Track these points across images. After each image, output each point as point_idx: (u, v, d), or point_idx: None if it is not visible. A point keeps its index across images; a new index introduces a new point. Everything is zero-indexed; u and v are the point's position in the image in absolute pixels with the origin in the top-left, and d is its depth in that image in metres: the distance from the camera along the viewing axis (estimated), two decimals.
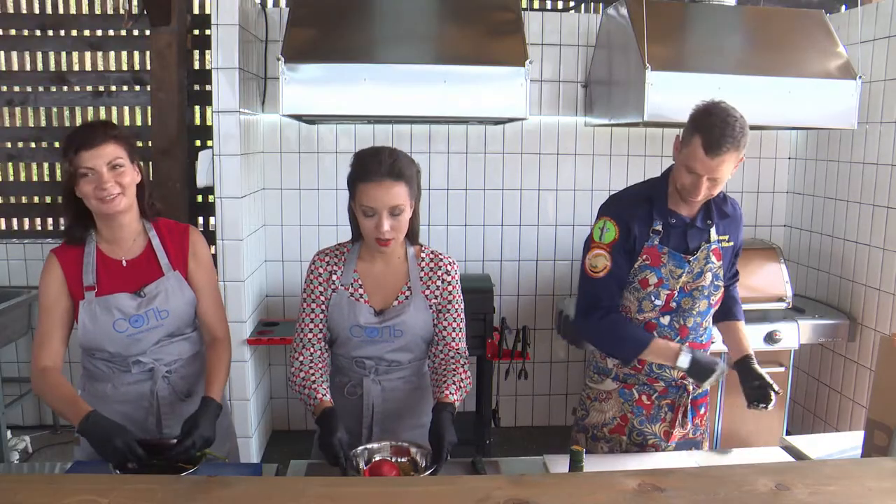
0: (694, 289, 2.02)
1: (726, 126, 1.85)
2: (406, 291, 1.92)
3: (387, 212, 1.77)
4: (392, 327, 1.89)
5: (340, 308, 1.90)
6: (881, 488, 1.32)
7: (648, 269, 2.00)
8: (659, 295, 2.00)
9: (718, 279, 2.05)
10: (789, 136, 4.05)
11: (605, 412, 2.12)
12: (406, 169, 1.80)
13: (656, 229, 1.99)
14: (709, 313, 2.09)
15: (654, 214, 2.00)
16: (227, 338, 2.03)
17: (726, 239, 2.06)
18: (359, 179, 1.80)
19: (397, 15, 3.27)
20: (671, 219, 2.00)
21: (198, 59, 3.94)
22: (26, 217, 4.16)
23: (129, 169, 1.84)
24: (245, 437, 3.38)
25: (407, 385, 1.97)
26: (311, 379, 1.86)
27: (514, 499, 1.22)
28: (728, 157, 1.85)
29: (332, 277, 1.92)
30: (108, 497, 1.20)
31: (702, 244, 2.01)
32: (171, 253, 1.95)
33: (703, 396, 2.14)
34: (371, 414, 1.94)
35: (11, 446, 3.64)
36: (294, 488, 1.35)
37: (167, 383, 1.95)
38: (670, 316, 2.03)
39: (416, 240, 1.98)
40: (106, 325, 1.86)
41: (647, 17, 2.96)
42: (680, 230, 2.01)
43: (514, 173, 3.93)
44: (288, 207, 3.86)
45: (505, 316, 3.66)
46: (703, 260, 2.01)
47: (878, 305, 3.36)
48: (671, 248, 1.99)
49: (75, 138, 1.80)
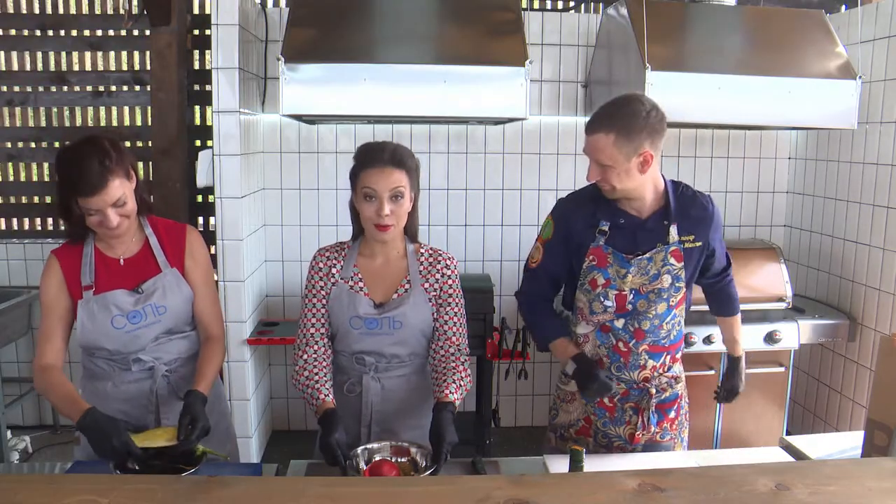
0: (650, 291, 1.96)
1: (607, 108, 1.86)
2: (406, 284, 1.94)
3: (388, 195, 1.82)
4: (392, 318, 1.90)
5: (340, 300, 1.92)
6: (881, 488, 1.32)
7: (595, 270, 1.97)
8: (608, 296, 1.97)
9: (680, 281, 1.98)
10: (789, 136, 4.05)
11: (571, 413, 2.11)
12: (407, 159, 1.87)
13: (602, 229, 1.96)
14: (670, 315, 2.00)
15: (597, 214, 1.97)
16: (221, 337, 2.04)
17: (691, 239, 1.98)
18: (361, 167, 1.86)
19: (397, 15, 3.27)
20: (619, 219, 1.96)
21: (198, 59, 3.94)
22: (26, 217, 4.16)
23: (131, 195, 1.83)
24: (245, 437, 3.38)
25: (407, 384, 1.98)
26: (315, 378, 1.87)
27: (514, 499, 1.22)
28: (601, 139, 1.83)
29: (332, 271, 1.94)
30: (108, 497, 1.20)
31: (657, 245, 1.96)
32: (169, 251, 1.97)
33: (671, 401, 2.07)
34: (370, 412, 1.95)
35: (11, 446, 3.64)
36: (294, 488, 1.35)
37: (167, 382, 1.96)
38: (625, 319, 1.98)
39: (415, 238, 2.00)
40: (104, 322, 1.87)
41: (647, 17, 2.96)
42: (629, 231, 1.96)
43: (514, 173, 3.93)
44: (288, 207, 3.86)
45: (505, 316, 3.65)
46: (661, 262, 1.95)
47: (878, 305, 3.36)
48: (617, 248, 1.95)
49: (74, 183, 1.74)
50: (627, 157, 1.84)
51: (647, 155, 1.85)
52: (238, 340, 3.32)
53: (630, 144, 1.83)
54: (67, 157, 1.78)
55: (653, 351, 2.01)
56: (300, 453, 2.03)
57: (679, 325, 2.05)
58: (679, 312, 2.03)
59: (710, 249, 2.06)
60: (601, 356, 2.03)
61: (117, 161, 1.78)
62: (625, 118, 1.83)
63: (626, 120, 1.82)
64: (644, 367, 2.02)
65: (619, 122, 1.82)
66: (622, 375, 2.02)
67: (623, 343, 2.00)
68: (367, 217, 1.86)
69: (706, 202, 2.03)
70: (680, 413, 2.12)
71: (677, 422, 2.11)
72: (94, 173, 1.73)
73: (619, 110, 1.85)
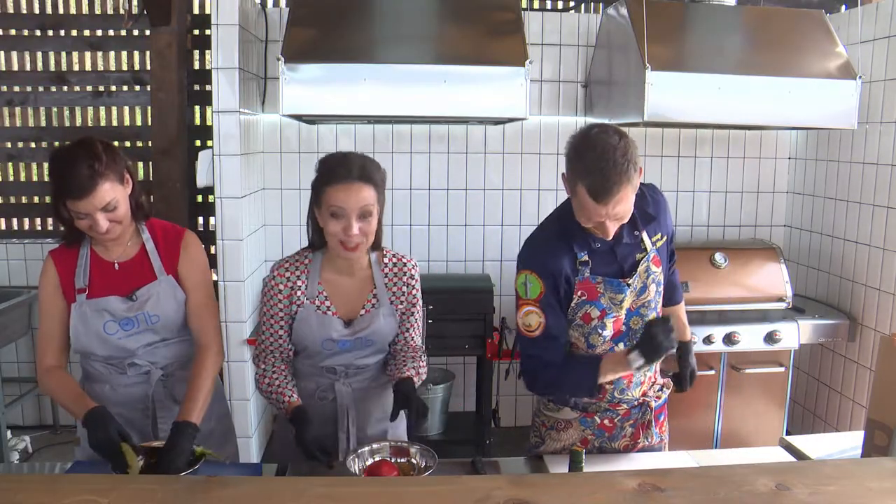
0: (641, 305, 1.91)
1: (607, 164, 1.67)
2: (372, 300, 1.92)
3: (356, 214, 1.76)
4: (364, 338, 1.90)
5: (309, 323, 1.88)
6: (881, 488, 1.32)
7: (588, 304, 1.85)
8: (605, 325, 1.87)
9: (660, 285, 1.94)
10: (789, 136, 4.05)
11: (562, 441, 2.01)
12: (375, 173, 1.80)
13: (583, 260, 1.84)
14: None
15: (574, 248, 1.84)
16: (213, 346, 1.96)
17: (659, 238, 1.93)
18: (326, 183, 1.78)
19: (397, 15, 3.27)
20: (594, 244, 1.85)
21: (198, 59, 3.94)
22: (26, 217, 4.17)
23: (123, 200, 1.80)
24: (245, 437, 3.37)
25: (374, 383, 2.00)
26: (277, 384, 1.88)
27: (514, 499, 1.22)
28: (622, 195, 1.69)
29: (297, 293, 1.89)
30: (108, 497, 1.20)
31: (637, 258, 1.88)
32: (165, 257, 1.94)
33: (661, 406, 2.06)
34: (346, 416, 1.95)
35: (11, 446, 3.64)
36: (294, 488, 1.35)
37: (163, 386, 1.95)
38: (623, 342, 1.91)
39: (378, 245, 1.93)
40: (96, 327, 1.86)
41: (647, 17, 2.96)
42: (608, 252, 1.86)
43: (514, 173, 3.92)
44: (288, 207, 3.86)
45: (505, 316, 3.65)
46: (644, 273, 1.89)
47: (878, 305, 3.36)
48: (604, 275, 1.85)
49: (63, 185, 1.73)
50: (636, 188, 1.76)
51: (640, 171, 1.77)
52: (238, 340, 3.32)
53: (635, 179, 1.74)
54: (59, 159, 1.76)
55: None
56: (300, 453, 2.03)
57: None
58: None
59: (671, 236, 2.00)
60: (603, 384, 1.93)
61: (108, 165, 1.75)
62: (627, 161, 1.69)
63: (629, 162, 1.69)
64: (644, 381, 1.99)
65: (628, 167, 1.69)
66: (624, 397, 1.97)
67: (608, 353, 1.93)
68: (333, 233, 1.79)
69: (654, 194, 1.96)
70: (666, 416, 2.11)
71: (664, 423, 2.10)
72: (82, 176, 1.70)
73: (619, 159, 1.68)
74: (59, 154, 1.77)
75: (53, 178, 1.76)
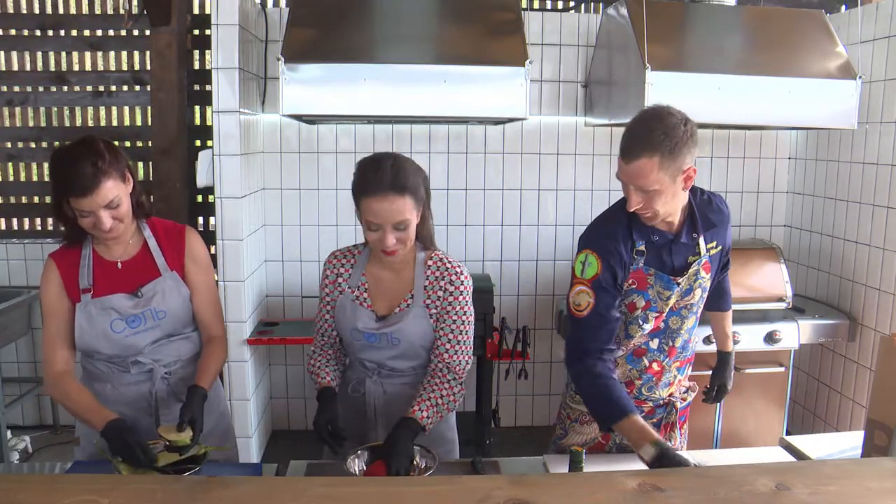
0: (683, 307, 1.91)
1: (642, 129, 1.70)
2: (409, 299, 1.89)
3: (390, 225, 1.73)
4: (390, 334, 1.88)
5: (344, 311, 1.93)
6: (881, 488, 1.32)
7: (636, 293, 1.85)
8: (647, 318, 1.87)
9: (706, 291, 1.94)
10: (789, 136, 4.05)
11: (585, 434, 2.02)
12: (410, 179, 1.74)
13: (640, 249, 1.84)
14: (695, 328, 1.99)
15: (634, 235, 1.84)
16: (223, 337, 2.06)
17: (714, 245, 1.93)
18: (361, 193, 1.75)
19: (397, 15, 3.27)
20: (654, 236, 1.84)
21: (198, 59, 3.94)
22: (26, 217, 4.17)
23: (125, 199, 1.82)
24: (245, 437, 3.38)
25: (411, 390, 1.92)
26: (318, 364, 1.97)
27: (514, 499, 1.22)
28: (645, 164, 1.67)
29: (339, 280, 1.94)
30: (108, 497, 1.20)
31: (689, 259, 1.88)
32: (168, 254, 1.95)
33: (685, 408, 2.07)
34: (374, 414, 1.96)
35: (11, 446, 3.64)
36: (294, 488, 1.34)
37: (166, 384, 1.96)
38: (659, 339, 1.91)
39: (429, 244, 1.91)
40: (102, 326, 1.86)
41: (647, 17, 2.96)
42: (664, 248, 1.85)
43: (514, 173, 3.92)
44: (288, 207, 3.86)
45: (505, 316, 3.65)
46: (693, 276, 1.88)
47: (878, 305, 3.36)
48: (656, 268, 1.84)
49: (66, 183, 1.74)
50: (673, 178, 1.71)
51: (690, 171, 1.73)
52: (238, 340, 3.32)
53: (675, 164, 1.69)
54: (61, 158, 1.77)
55: (681, 365, 1.98)
56: (300, 453, 2.03)
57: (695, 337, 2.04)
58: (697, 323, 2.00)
59: (727, 249, 2.00)
60: (632, 379, 1.95)
61: (111, 163, 1.76)
62: (665, 136, 1.67)
63: (667, 138, 1.67)
64: (674, 382, 1.99)
65: (660, 141, 1.67)
66: (651, 395, 1.97)
67: (657, 363, 1.93)
68: (373, 243, 1.80)
69: (721, 204, 1.96)
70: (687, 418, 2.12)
71: (685, 425, 2.11)
72: (86, 174, 1.72)
73: (655, 129, 1.69)
74: (62, 153, 1.78)
75: (56, 176, 1.77)
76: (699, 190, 1.95)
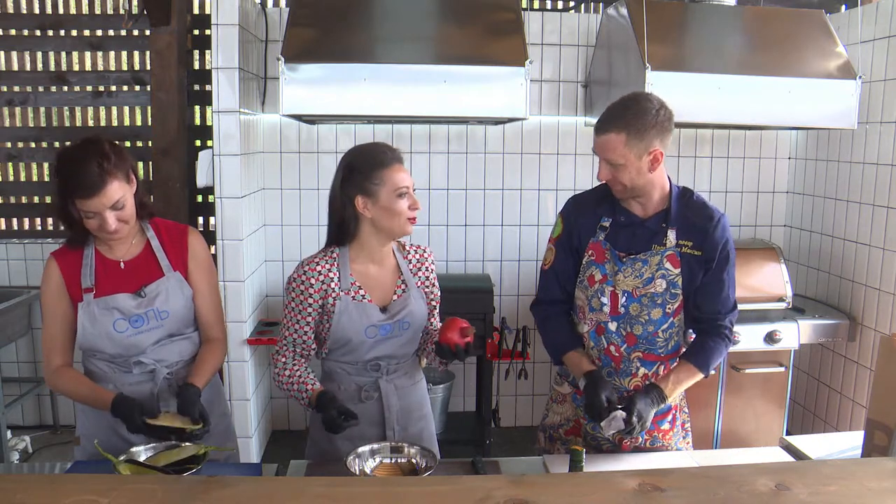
0: (643, 295, 1.92)
1: (618, 107, 1.88)
2: (402, 285, 1.97)
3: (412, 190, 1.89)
4: (401, 321, 1.94)
5: (349, 314, 1.90)
6: (881, 488, 1.32)
7: (594, 266, 1.97)
8: (604, 292, 1.94)
9: (676, 287, 1.91)
10: (789, 136, 4.05)
11: (559, 414, 2.12)
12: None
13: (603, 225, 1.97)
14: (667, 323, 1.94)
15: (603, 210, 1.99)
16: (222, 339, 2.06)
17: (689, 245, 1.91)
18: (379, 167, 1.85)
19: (397, 15, 3.27)
20: (620, 216, 1.96)
21: (198, 59, 3.94)
22: (26, 217, 4.17)
23: (130, 199, 1.82)
24: (245, 437, 3.38)
25: (410, 380, 2.04)
26: (298, 374, 1.90)
27: (514, 499, 1.22)
28: (613, 138, 1.84)
29: (331, 286, 1.90)
30: (108, 497, 1.20)
31: (653, 247, 1.93)
32: (171, 253, 1.95)
33: (663, 413, 1.99)
34: (393, 415, 1.97)
35: (11, 446, 3.64)
36: (294, 488, 1.35)
37: (168, 384, 1.95)
38: (617, 322, 1.95)
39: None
40: (105, 325, 1.86)
41: (647, 17, 2.96)
42: (629, 229, 1.96)
43: (514, 173, 3.93)
44: (288, 207, 3.86)
45: (505, 316, 3.65)
46: (656, 265, 1.91)
47: (878, 305, 3.36)
48: (616, 246, 1.95)
49: (73, 184, 1.74)
50: (638, 156, 1.85)
51: (657, 153, 1.86)
52: (238, 340, 3.32)
53: (641, 143, 1.84)
54: (66, 159, 1.77)
55: (647, 359, 1.96)
56: (300, 453, 2.03)
57: (678, 335, 1.99)
58: (678, 322, 1.97)
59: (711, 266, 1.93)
60: (593, 358, 2.00)
61: (116, 164, 1.77)
62: (635, 117, 1.84)
63: (636, 119, 1.84)
64: (635, 374, 1.97)
65: (630, 120, 1.84)
66: (613, 382, 1.97)
67: (615, 347, 1.96)
68: (401, 212, 1.85)
69: (712, 214, 1.93)
70: (675, 424, 2.06)
71: (672, 433, 2.05)
72: (92, 175, 1.72)
73: (629, 109, 1.86)
74: (67, 153, 1.78)
75: (61, 177, 1.77)
76: (695, 195, 1.98)
